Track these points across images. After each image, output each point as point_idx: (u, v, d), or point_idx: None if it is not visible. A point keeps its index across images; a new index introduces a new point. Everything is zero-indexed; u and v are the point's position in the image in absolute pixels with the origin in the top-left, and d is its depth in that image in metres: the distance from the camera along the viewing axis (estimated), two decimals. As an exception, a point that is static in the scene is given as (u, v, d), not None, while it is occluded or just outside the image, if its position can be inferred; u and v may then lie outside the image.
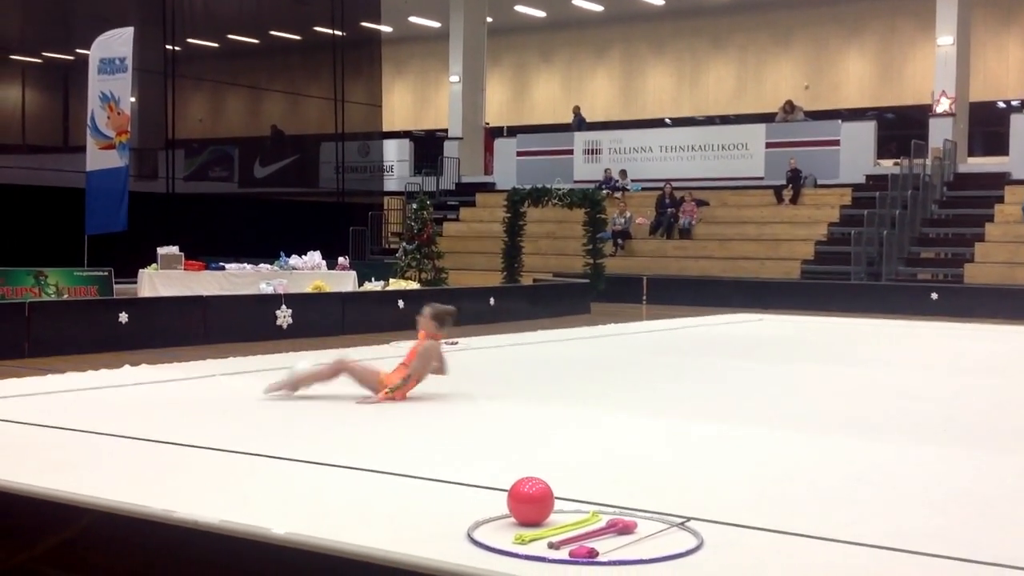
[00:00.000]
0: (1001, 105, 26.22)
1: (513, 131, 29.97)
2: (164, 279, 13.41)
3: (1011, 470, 5.28)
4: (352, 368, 7.26)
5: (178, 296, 12.38)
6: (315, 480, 4.74)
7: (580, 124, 27.37)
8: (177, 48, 21.29)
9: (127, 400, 7.14)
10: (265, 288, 13.06)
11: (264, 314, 11.72)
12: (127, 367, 8.57)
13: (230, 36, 24.37)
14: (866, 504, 4.47)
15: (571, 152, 26.21)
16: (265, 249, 15.78)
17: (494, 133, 29.46)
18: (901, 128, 24.39)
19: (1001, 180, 21.12)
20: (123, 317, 10.47)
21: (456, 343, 11.06)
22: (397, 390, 7.07)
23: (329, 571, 3.49)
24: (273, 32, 25.03)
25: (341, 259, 15.54)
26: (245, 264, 14.33)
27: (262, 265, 14.38)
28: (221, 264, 14.18)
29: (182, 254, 13.94)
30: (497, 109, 31.56)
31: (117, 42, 14.79)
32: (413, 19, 31.01)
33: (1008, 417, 7.04)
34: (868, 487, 4.81)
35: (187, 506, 3.98)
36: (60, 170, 18.16)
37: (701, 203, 22.73)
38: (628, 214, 22.58)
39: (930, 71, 23.52)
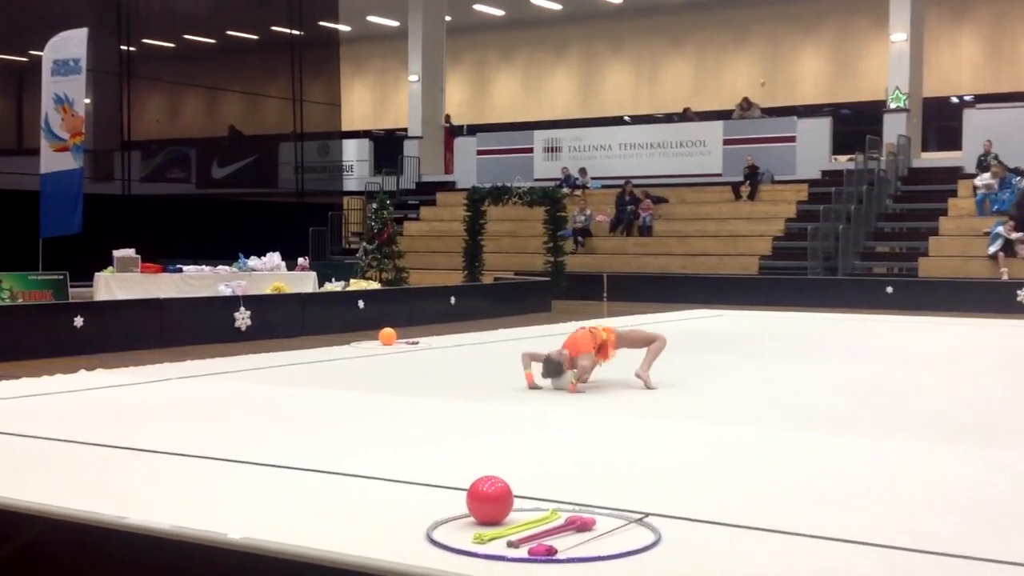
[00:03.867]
0: (954, 100, 26.58)
1: (473, 130, 29.96)
2: (120, 282, 13.26)
3: (973, 461, 5.36)
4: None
5: (135, 299, 12.25)
6: (272, 483, 4.72)
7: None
8: (132, 49, 21.07)
9: (81, 405, 7.06)
10: (224, 290, 12.96)
11: (222, 316, 11.63)
12: (83, 372, 8.48)
13: (186, 36, 24.14)
14: (824, 499, 4.52)
15: (531, 150, 26.24)
16: (224, 251, 15.64)
17: (454, 132, 29.43)
18: (856, 124, 24.65)
19: (954, 174, 21.41)
20: (79, 321, 10.35)
21: (417, 343, 11.06)
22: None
23: (286, 575, 3.47)
24: (230, 32, 24.83)
25: (301, 260, 15.45)
26: (203, 266, 14.20)
27: (220, 267, 14.26)
28: (179, 266, 14.05)
29: (139, 257, 13.78)
30: (457, 108, 31.54)
31: (71, 43, 14.60)
32: (372, 18, 30.90)
33: (963, 409, 7.15)
34: (826, 481, 4.86)
35: (140, 512, 3.94)
36: (14, 173, 17.90)
37: (658, 200, 22.82)
38: (588, 212, 22.65)
39: (884, 67, 23.79)
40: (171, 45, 23.83)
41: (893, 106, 22.82)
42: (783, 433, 6.08)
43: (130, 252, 13.76)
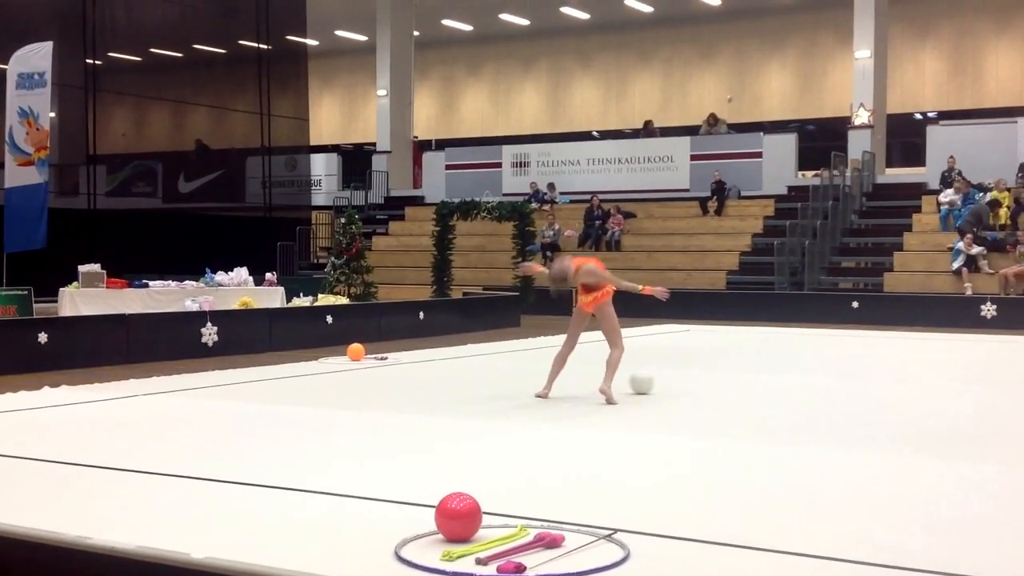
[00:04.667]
0: (918, 117, 26.91)
1: (442, 144, 29.97)
2: (85, 297, 13.14)
3: (943, 474, 5.41)
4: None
5: (100, 315, 12.13)
6: (238, 501, 4.68)
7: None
8: (98, 62, 20.92)
9: (45, 422, 6.98)
10: (190, 305, 12.87)
11: (189, 332, 11.54)
12: (47, 388, 8.38)
13: (153, 50, 24.00)
14: (793, 512, 4.54)
15: (500, 165, 26.28)
16: (190, 266, 15.53)
17: (423, 146, 29.43)
18: (821, 140, 24.89)
19: (919, 190, 21.66)
20: (43, 337, 10.23)
21: (385, 358, 11.02)
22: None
23: (253, 594, 3.44)
24: (197, 45, 24.72)
25: (268, 275, 15.37)
26: (169, 281, 14.10)
27: (187, 282, 14.16)
28: (144, 281, 13.93)
29: (104, 272, 13.66)
30: (425, 122, 31.55)
31: (36, 56, 14.49)
32: (340, 33, 30.87)
33: (933, 422, 7.21)
34: (795, 495, 4.88)
35: (103, 532, 3.89)
36: (-24, 187, 17.69)
37: (628, 215, 22.92)
38: (557, 227, 22.70)
39: (849, 84, 24.05)
40: (137, 59, 23.69)
41: (857, 122, 23.06)
42: (751, 447, 6.11)
43: (95, 267, 13.63)
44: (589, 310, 8.13)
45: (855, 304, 17.89)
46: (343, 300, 15.14)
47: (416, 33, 28.81)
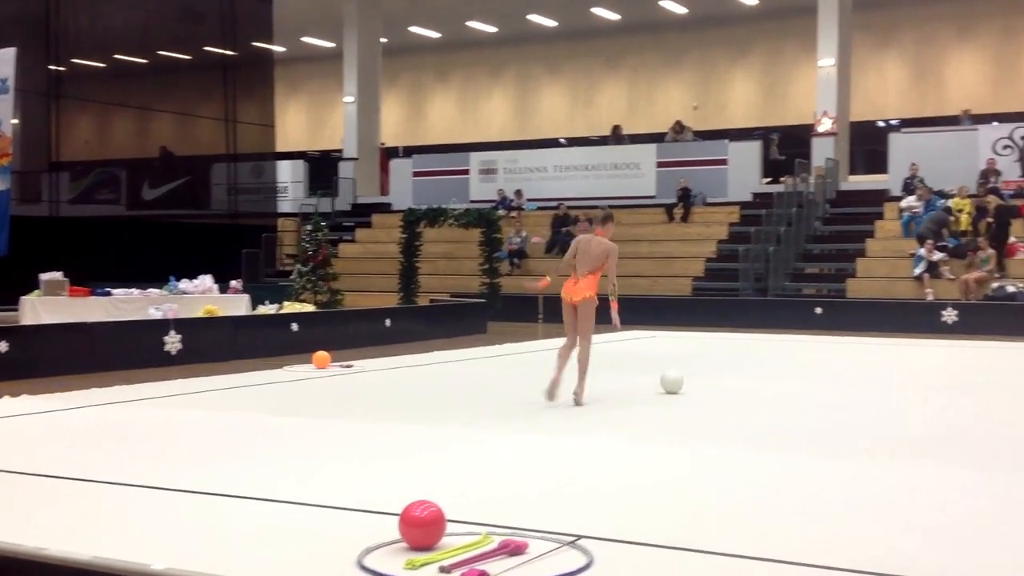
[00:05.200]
0: (880, 124, 27.19)
1: (409, 151, 29.92)
2: (48, 306, 12.99)
3: (891, 475, 5.46)
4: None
5: (62, 323, 12.00)
6: (199, 510, 4.65)
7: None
8: (62, 68, 20.72)
9: (5, 433, 6.90)
10: (154, 313, 12.76)
11: (152, 340, 11.44)
12: (7, 398, 8.29)
13: (117, 56, 23.79)
14: (756, 518, 4.57)
15: (467, 172, 26.27)
16: (154, 274, 15.38)
17: (390, 153, 29.37)
18: (786, 147, 25.07)
19: (881, 197, 21.88)
20: (3, 346, 10.11)
21: (351, 366, 10.99)
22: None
23: (214, 604, 3.42)
24: (162, 52, 24.52)
25: (234, 282, 15.26)
26: (133, 289, 13.96)
27: (151, 290, 14.03)
28: (107, 290, 13.79)
29: (67, 280, 13.52)
30: (393, 129, 31.49)
31: (-2, 62, 14.32)
32: (307, 39, 30.77)
33: (898, 427, 7.29)
34: (758, 501, 4.92)
35: (60, 542, 3.86)
36: (-63, 194, 17.44)
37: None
38: (524, 233, 22.73)
39: (813, 92, 24.27)
40: (102, 65, 23.47)
41: (821, 129, 23.26)
42: (715, 453, 6.15)
43: (58, 275, 13.48)
44: (574, 303, 8.21)
45: (818, 310, 18.04)
46: (309, 308, 15.07)
47: (383, 40, 28.77)
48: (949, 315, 16.91)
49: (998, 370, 11.60)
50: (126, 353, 11.05)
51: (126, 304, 13.47)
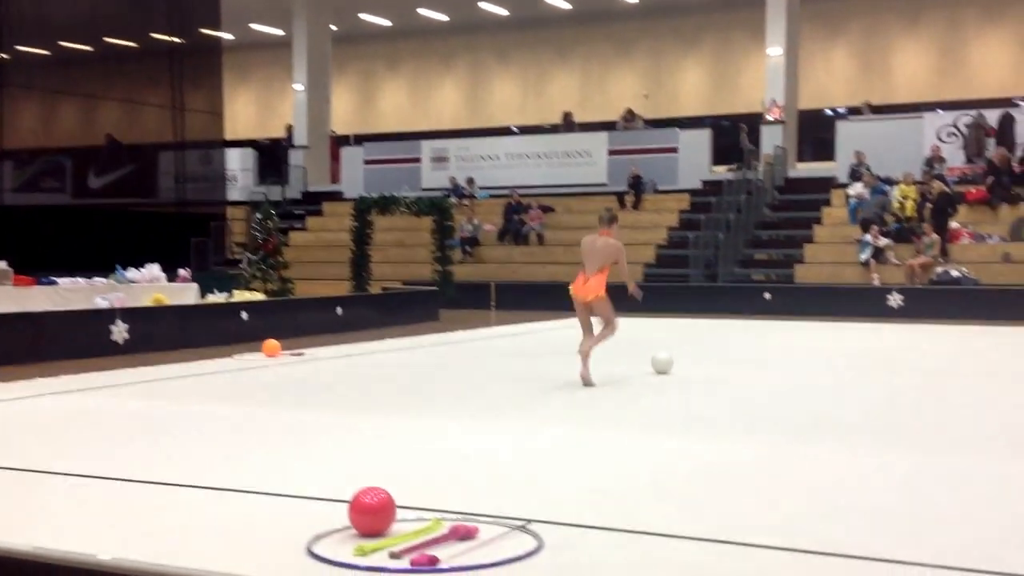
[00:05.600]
0: (828, 113, 27.50)
1: (360, 139, 29.75)
2: (-9, 296, 12.77)
3: (839, 459, 5.56)
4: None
5: (6, 313, 11.79)
6: (146, 500, 4.61)
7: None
8: (5, 56, 20.34)
9: (-52, 424, 6.79)
10: (100, 303, 12.59)
11: (98, 330, 11.30)
12: (-51, 390, 8.16)
13: (63, 43, 23.39)
14: (702, 500, 4.63)
15: (419, 160, 26.19)
16: (101, 263, 15.18)
17: (340, 141, 29.18)
18: (735, 135, 25.27)
19: (828, 184, 22.14)
20: (-55, 337, 9.94)
21: (302, 354, 10.93)
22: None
23: (162, 593, 3.39)
24: (108, 39, 24.15)
25: (182, 271, 15.11)
26: (79, 278, 13.77)
27: (97, 279, 13.84)
28: (53, 279, 13.58)
29: (11, 269, 13.30)
30: (344, 118, 31.28)
31: (-63, 49, 14.03)
32: (255, 26, 30.43)
33: (841, 408, 7.40)
34: (705, 483, 4.98)
35: (1, 534, 3.80)
36: None
37: (547, 209, 23.05)
38: (476, 221, 22.73)
39: (762, 81, 24.49)
40: (46, 52, 23.06)
41: (769, 117, 23.48)
42: (662, 437, 6.21)
43: (2, 264, 13.26)
44: (587, 302, 8.73)
45: (767, 295, 18.25)
46: (259, 296, 14.96)
47: (333, 27, 28.55)
48: (895, 299, 17.19)
49: (937, 354, 11.82)
50: (72, 343, 10.90)
51: (72, 294, 13.28)
